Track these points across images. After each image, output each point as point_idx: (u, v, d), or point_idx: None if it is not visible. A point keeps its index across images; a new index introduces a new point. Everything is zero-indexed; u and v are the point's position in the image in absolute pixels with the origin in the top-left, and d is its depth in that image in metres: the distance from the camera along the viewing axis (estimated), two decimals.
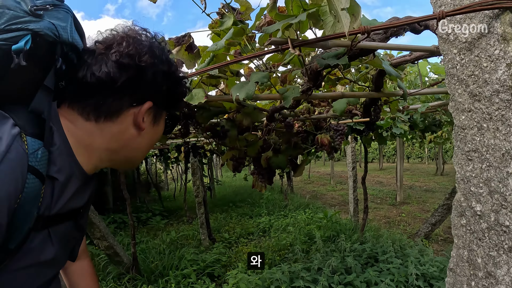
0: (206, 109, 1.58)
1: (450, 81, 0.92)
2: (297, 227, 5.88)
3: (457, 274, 0.91)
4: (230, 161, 1.89)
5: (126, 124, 0.76)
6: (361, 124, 2.88)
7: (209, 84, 1.58)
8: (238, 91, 1.17)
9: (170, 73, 0.79)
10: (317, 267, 3.52)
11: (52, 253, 0.69)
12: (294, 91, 1.13)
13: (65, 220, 0.73)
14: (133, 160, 0.86)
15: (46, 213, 0.65)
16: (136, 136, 0.79)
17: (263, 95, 1.38)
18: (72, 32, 0.70)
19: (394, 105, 1.81)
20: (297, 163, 2.37)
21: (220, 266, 4.49)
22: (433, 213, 5.39)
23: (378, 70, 1.47)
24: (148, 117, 0.78)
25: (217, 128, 1.61)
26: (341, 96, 1.46)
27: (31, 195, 0.59)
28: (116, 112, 0.74)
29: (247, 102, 1.54)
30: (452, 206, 0.91)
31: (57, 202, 0.67)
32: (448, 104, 0.93)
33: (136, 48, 0.72)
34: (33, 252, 0.65)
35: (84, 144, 0.73)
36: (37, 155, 0.61)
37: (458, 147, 0.89)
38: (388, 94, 1.59)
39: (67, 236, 0.76)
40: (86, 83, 0.71)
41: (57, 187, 0.67)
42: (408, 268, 3.29)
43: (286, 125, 1.92)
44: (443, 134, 6.49)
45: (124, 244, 5.46)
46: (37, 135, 0.63)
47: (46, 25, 0.64)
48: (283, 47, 0.85)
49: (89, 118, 0.73)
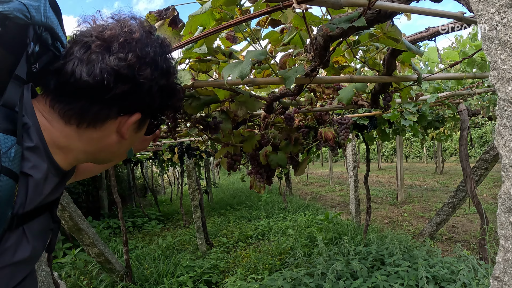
0: (195, 97, 1.39)
1: (489, 46, 0.77)
2: (297, 230, 5.71)
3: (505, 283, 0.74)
4: (225, 158, 1.70)
5: (109, 131, 0.72)
6: (364, 119, 2.70)
7: (198, 70, 1.39)
8: (230, 72, 0.99)
9: (167, 86, 0.74)
10: (321, 272, 3.32)
11: (28, 251, 0.65)
12: (298, 69, 0.95)
13: (40, 214, 0.69)
14: (111, 160, 0.84)
15: (20, 212, 0.61)
16: (116, 143, 0.75)
17: (261, 79, 1.19)
18: (46, 11, 0.64)
19: (405, 92, 1.63)
20: (298, 160, 2.18)
21: (218, 272, 4.30)
22: (437, 212, 5.23)
23: (390, 50, 1.28)
24: (132, 126, 0.74)
25: (207, 119, 1.42)
26: (350, 80, 1.28)
27: (5, 197, 0.56)
28: (102, 120, 0.69)
29: (242, 89, 1.35)
30: (498, 201, 0.75)
31: (32, 199, 0.63)
32: (455, 96, 0.75)
33: (139, 57, 0.66)
34: (7, 253, 0.61)
35: (61, 145, 0.69)
36: (10, 154, 0.57)
37: (505, 126, 0.73)
38: (401, 78, 1.41)
39: (44, 230, 0.72)
40: (73, 83, 0.64)
41: (31, 183, 0.62)
42: (418, 271, 3.10)
43: (286, 118, 1.73)
44: (445, 131, 6.33)
45: (119, 250, 5.27)
46: (10, 131, 0.58)
47: (16, 6, 0.58)
48: (285, 3, 0.66)
49: (70, 123, 0.68)
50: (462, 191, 4.78)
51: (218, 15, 1.14)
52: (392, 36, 0.97)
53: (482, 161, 4.47)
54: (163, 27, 1.16)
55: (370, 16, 0.81)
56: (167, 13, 1.15)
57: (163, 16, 1.17)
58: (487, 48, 0.78)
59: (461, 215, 6.69)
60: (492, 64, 0.76)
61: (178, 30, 1.16)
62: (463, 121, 3.67)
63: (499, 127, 0.75)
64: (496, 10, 0.73)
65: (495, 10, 0.73)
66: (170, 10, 1.14)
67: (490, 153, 4.37)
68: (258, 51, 0.99)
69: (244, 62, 0.98)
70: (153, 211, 8.85)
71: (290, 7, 0.67)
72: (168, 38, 1.17)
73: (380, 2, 0.76)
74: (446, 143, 18.43)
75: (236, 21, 0.83)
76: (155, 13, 1.21)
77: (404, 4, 0.80)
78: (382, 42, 1.15)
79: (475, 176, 4.44)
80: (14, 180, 0.58)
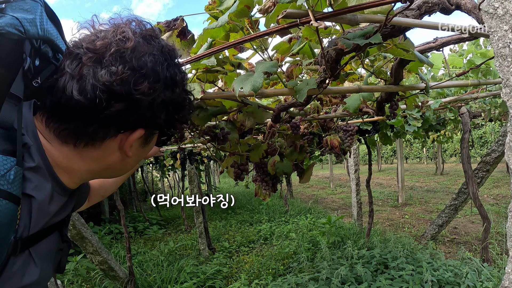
0: (203, 108, 1.39)
1: (501, 63, 0.79)
2: (300, 233, 5.69)
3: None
4: (231, 168, 1.70)
5: (111, 149, 0.67)
6: (368, 124, 2.70)
7: (205, 80, 1.38)
8: (241, 84, 0.98)
9: (172, 99, 0.66)
10: (325, 276, 3.32)
11: (36, 274, 0.61)
12: (309, 82, 0.95)
13: (47, 236, 0.66)
14: (119, 176, 0.80)
15: (24, 235, 0.58)
16: (120, 160, 0.70)
17: (270, 90, 1.19)
18: (42, 23, 0.60)
19: (411, 100, 1.63)
20: (303, 167, 2.18)
21: (221, 277, 4.29)
22: (439, 214, 5.23)
23: (398, 60, 1.28)
24: (137, 142, 0.68)
25: (215, 131, 1.42)
26: (358, 90, 1.28)
27: (5, 221, 0.53)
28: (100, 139, 0.64)
29: (250, 100, 1.35)
30: (508, 214, 0.76)
31: (37, 221, 0.60)
32: (458, 101, 0.75)
33: (134, 68, 0.59)
34: (14, 278, 0.58)
35: (62, 166, 0.65)
36: (9, 177, 0.54)
37: None
38: (408, 88, 1.41)
39: (52, 251, 0.69)
40: (64, 103, 0.60)
41: (35, 205, 0.59)
42: (422, 275, 3.10)
43: (292, 126, 1.73)
44: (446, 133, 6.34)
45: (121, 256, 5.25)
46: (10, 152, 0.55)
47: (8, 21, 0.55)
48: (302, 20, 0.66)
49: (67, 142, 0.64)
50: (464, 193, 4.78)
51: (228, 26, 1.13)
52: (403, 48, 0.97)
53: (483, 163, 4.47)
54: (172, 38, 1.15)
55: (385, 31, 0.81)
56: (176, 24, 1.14)
57: (172, 27, 1.15)
58: (499, 65, 0.78)
59: (463, 217, 6.69)
60: (505, 82, 0.76)
61: (187, 42, 1.15)
62: (465, 124, 3.67)
63: (510, 143, 0.75)
64: (509, 28, 0.74)
65: (509, 27, 0.74)
66: (178, 20, 1.13)
67: (491, 156, 4.38)
68: (269, 63, 0.99)
69: (256, 75, 0.97)
70: (154, 215, 8.82)
71: (307, 24, 0.67)
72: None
73: (396, 19, 0.76)
74: (445, 144, 18.46)
75: (251, 37, 0.83)
76: (164, 23, 1.20)
77: (418, 19, 0.80)
78: (392, 53, 1.15)
79: (476, 178, 4.45)
80: (15, 203, 0.55)
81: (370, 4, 0.61)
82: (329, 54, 0.93)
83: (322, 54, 0.90)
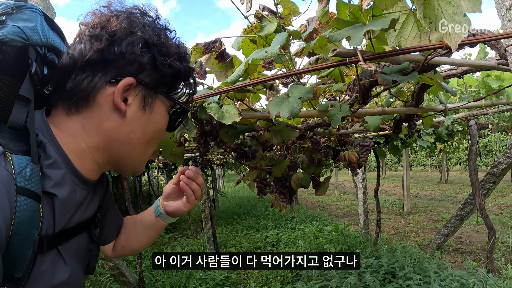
0: (232, 126, 1.46)
1: None
2: (307, 241, 5.73)
3: None
4: (254, 182, 1.77)
5: (106, 109, 0.66)
6: (381, 137, 2.76)
7: (234, 98, 1.45)
8: (277, 108, 1.05)
9: (154, 44, 0.67)
10: (335, 285, 3.37)
11: (67, 273, 0.64)
12: (343, 109, 1.01)
13: (75, 234, 0.68)
14: (130, 157, 0.73)
15: (50, 232, 0.60)
16: (120, 124, 0.67)
17: (302, 112, 1.26)
18: (44, 31, 0.65)
19: (428, 120, 1.70)
20: (319, 180, 2.24)
21: (230, 284, 4.33)
22: (445, 223, 5.27)
23: (420, 84, 1.35)
24: (134, 99, 0.67)
25: (244, 149, 1.49)
26: (382, 112, 1.35)
27: (26, 217, 0.54)
28: (91, 92, 0.65)
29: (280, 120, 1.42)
30: None
31: (61, 219, 0.62)
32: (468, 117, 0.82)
33: (108, 16, 0.65)
34: (44, 277, 0.60)
35: (73, 149, 0.66)
36: (25, 174, 0.55)
37: None
38: (428, 109, 1.48)
39: (82, 250, 0.72)
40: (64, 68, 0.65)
41: (57, 202, 0.61)
42: (430, 285, 3.15)
43: (313, 142, 1.80)
44: (453, 143, 6.39)
45: (129, 260, 5.30)
46: (25, 152, 0.58)
47: (10, 30, 0.59)
48: (351, 59, 0.73)
49: (71, 111, 0.66)
50: (470, 204, 4.83)
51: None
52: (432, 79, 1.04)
53: (490, 175, 4.52)
54: (210, 60, 1.21)
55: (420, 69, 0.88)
56: (214, 46, 1.20)
57: (210, 49, 1.21)
58: None
59: (467, 226, 6.72)
60: None
61: (225, 64, 1.21)
62: (473, 136, 3.72)
63: None
64: None
65: None
66: (217, 43, 1.19)
67: (498, 168, 4.42)
68: (305, 88, 1.04)
69: (292, 100, 1.03)
70: None
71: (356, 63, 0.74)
72: (215, 72, 1.24)
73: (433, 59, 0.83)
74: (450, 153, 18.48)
75: (294, 72, 0.90)
76: (202, 45, 1.26)
77: (449, 58, 0.87)
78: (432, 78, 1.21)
79: (483, 189, 4.49)
80: (34, 200, 0.56)
81: (416, 49, 0.68)
82: (363, 83, 0.99)
83: (357, 83, 0.97)
